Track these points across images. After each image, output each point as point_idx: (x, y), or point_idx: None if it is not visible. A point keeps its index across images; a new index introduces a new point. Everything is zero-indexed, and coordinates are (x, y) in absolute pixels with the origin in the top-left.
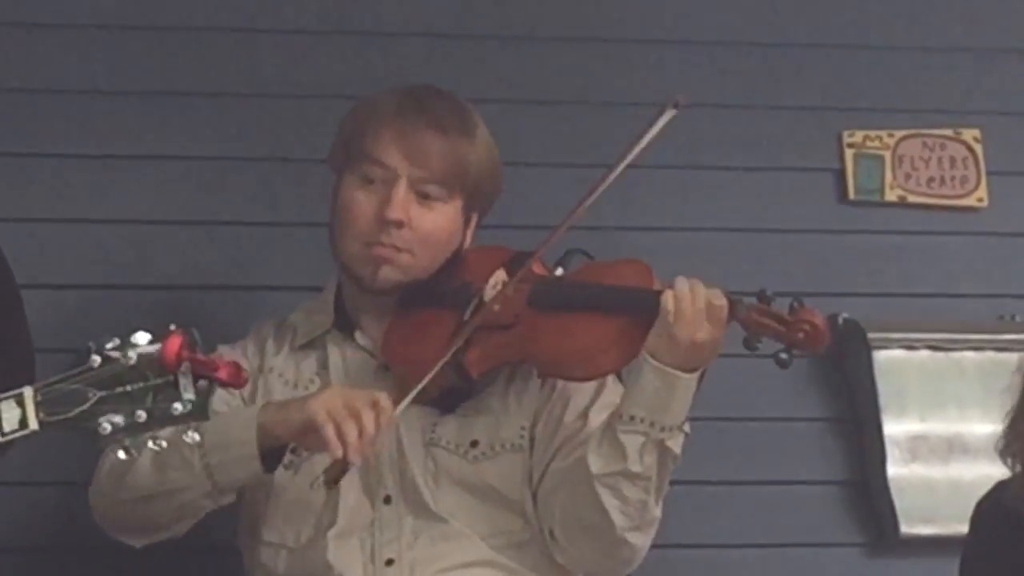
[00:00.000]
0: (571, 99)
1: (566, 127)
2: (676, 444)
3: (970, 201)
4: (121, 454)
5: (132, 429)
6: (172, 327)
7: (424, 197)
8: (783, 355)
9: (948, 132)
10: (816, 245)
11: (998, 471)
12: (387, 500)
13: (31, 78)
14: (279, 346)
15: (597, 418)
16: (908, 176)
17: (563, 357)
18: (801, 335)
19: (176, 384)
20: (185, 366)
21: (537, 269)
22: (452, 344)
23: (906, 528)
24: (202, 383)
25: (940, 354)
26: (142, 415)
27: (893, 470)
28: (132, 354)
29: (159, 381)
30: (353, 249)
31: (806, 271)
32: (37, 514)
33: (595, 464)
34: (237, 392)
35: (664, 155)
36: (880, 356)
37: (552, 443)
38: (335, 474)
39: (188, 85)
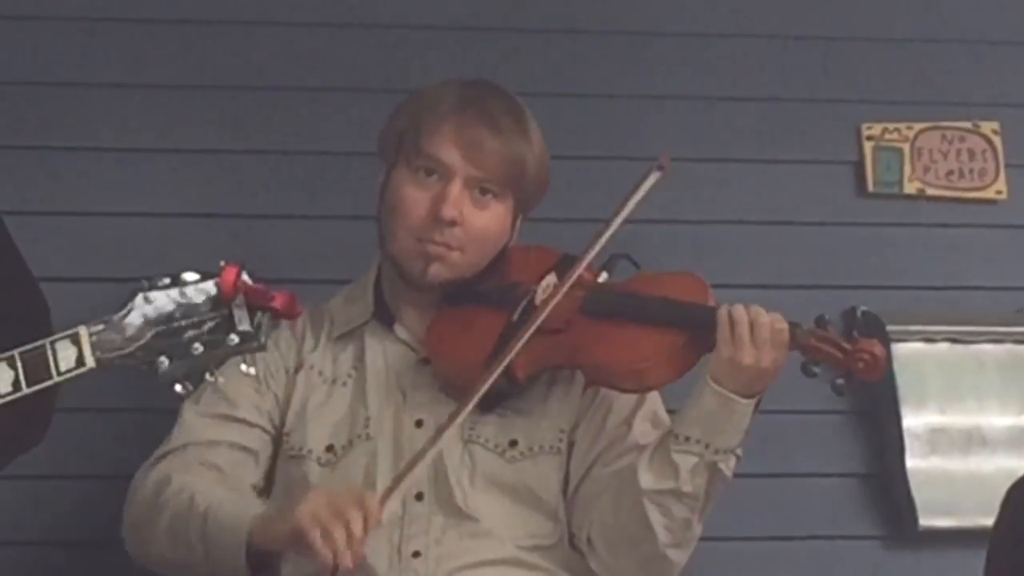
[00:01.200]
0: (599, 93)
1: (594, 121)
2: (728, 467)
3: (989, 194)
4: (178, 388)
5: (189, 362)
6: (222, 263)
7: (479, 196)
8: (839, 382)
9: (967, 125)
10: (835, 238)
11: (1017, 464)
12: (419, 497)
13: (52, 72)
14: (316, 338)
15: (640, 427)
16: (927, 169)
17: (614, 367)
18: (861, 364)
19: (231, 316)
20: (239, 299)
21: (585, 273)
22: (504, 349)
23: (925, 521)
24: (258, 315)
25: (959, 347)
26: (198, 348)
27: (912, 463)
28: (184, 290)
29: (214, 314)
30: (405, 244)
31: (825, 264)
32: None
33: (645, 480)
34: (272, 389)
35: (683, 149)
36: (899, 349)
37: (593, 448)
38: None
39: (209, 78)
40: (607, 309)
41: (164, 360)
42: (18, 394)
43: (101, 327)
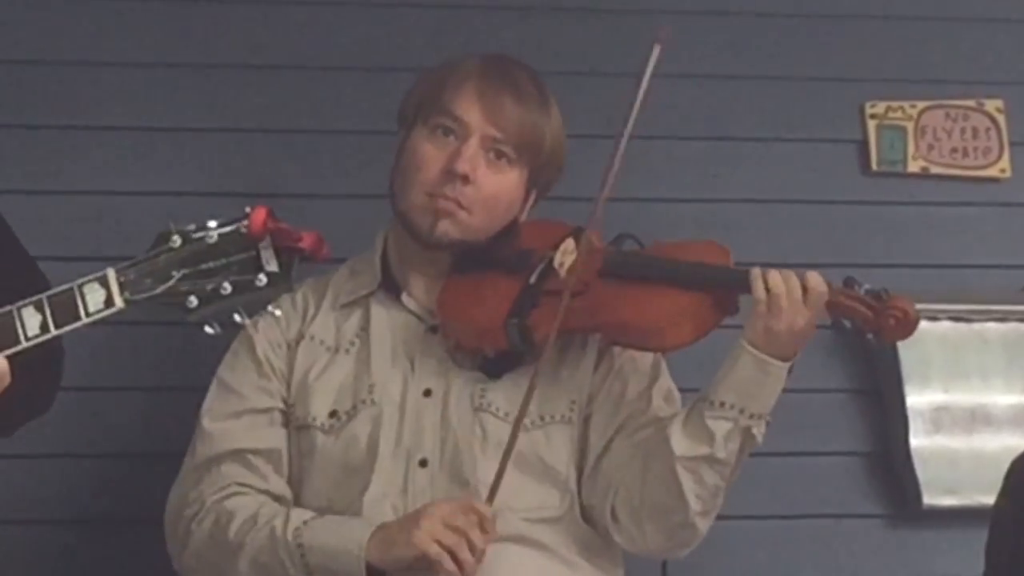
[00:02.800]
0: (587, 71)
1: (583, 98)
2: (760, 433)
3: (993, 172)
4: (208, 329)
5: (218, 302)
6: (247, 208)
7: (494, 159)
8: (869, 337)
9: (971, 103)
10: (838, 216)
11: (1021, 442)
12: (423, 463)
13: (69, 51)
14: (317, 308)
15: (656, 401)
16: (931, 147)
17: (636, 325)
18: (892, 321)
19: (258, 257)
20: (266, 240)
21: (598, 242)
22: (525, 303)
23: (929, 499)
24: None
25: (963, 325)
26: (227, 287)
27: (916, 441)
28: (212, 233)
29: (242, 255)
30: (415, 198)
31: (828, 242)
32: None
33: (680, 446)
34: (275, 366)
35: (687, 127)
36: None
37: (614, 419)
38: None
39: (218, 57)
40: (627, 271)
41: (193, 300)
42: (46, 336)
43: (129, 269)
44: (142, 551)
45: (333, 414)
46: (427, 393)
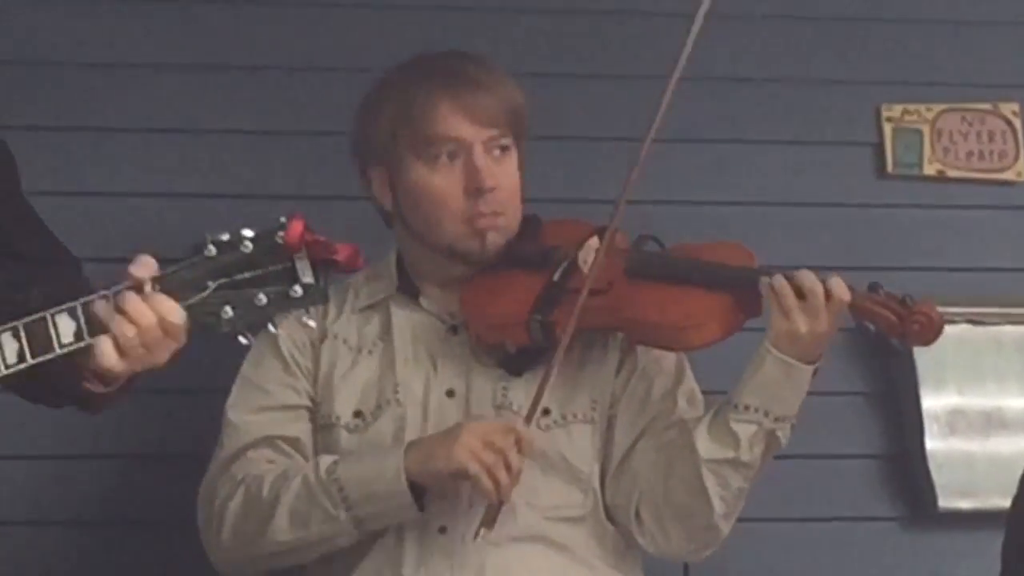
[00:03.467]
0: (612, 74)
1: (603, 101)
2: (784, 436)
3: (1008, 175)
4: (242, 339)
5: (253, 313)
6: (282, 219)
7: (498, 155)
8: (894, 343)
9: (987, 106)
10: (854, 219)
11: None
12: None
13: (80, 52)
14: (339, 309)
15: (682, 403)
16: (947, 150)
17: (660, 325)
18: (916, 327)
19: (294, 268)
20: (301, 252)
21: (622, 242)
22: (552, 302)
23: (944, 502)
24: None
25: (978, 328)
26: (262, 298)
27: (931, 444)
28: (247, 243)
29: (277, 267)
30: (454, 230)
31: (844, 245)
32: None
33: (704, 449)
34: (300, 365)
35: (703, 129)
36: None
37: (638, 421)
38: (492, 516)
39: (236, 59)
40: (652, 271)
41: (228, 310)
42: (81, 344)
43: (163, 278)
44: (152, 552)
45: (358, 414)
46: (450, 393)
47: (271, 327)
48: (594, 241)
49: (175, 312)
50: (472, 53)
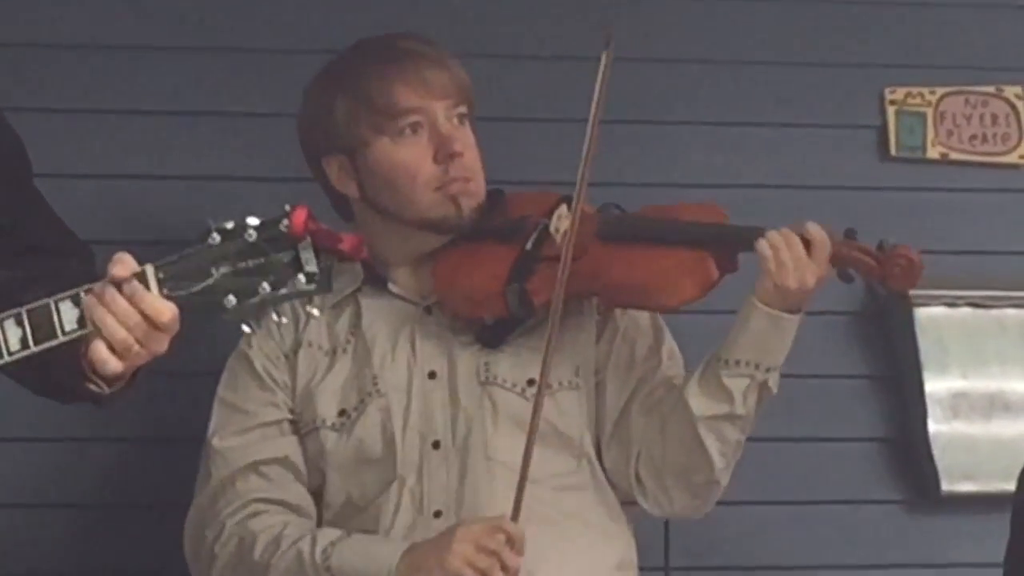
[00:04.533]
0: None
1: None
2: (775, 384)
3: (1012, 158)
4: (245, 328)
5: (257, 302)
6: (287, 207)
7: (458, 124)
8: (876, 287)
9: (990, 89)
10: (857, 202)
11: None
12: (436, 445)
13: (91, 35)
14: (308, 313)
15: (666, 360)
16: (950, 133)
17: (638, 285)
18: (897, 270)
19: (298, 257)
20: (305, 242)
21: (589, 211)
22: (523, 270)
23: (947, 485)
24: (325, 257)
25: (981, 311)
26: (266, 288)
27: (934, 427)
28: (252, 231)
29: (281, 255)
30: (427, 199)
31: (847, 227)
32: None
33: (699, 407)
34: (275, 379)
35: (706, 111)
36: (921, 313)
37: (627, 385)
38: None
39: (259, 42)
40: (623, 232)
41: (232, 299)
42: (84, 331)
43: (167, 265)
44: (149, 536)
45: (342, 412)
46: (432, 375)
47: (275, 316)
48: (563, 208)
49: (165, 311)
50: (414, 34)
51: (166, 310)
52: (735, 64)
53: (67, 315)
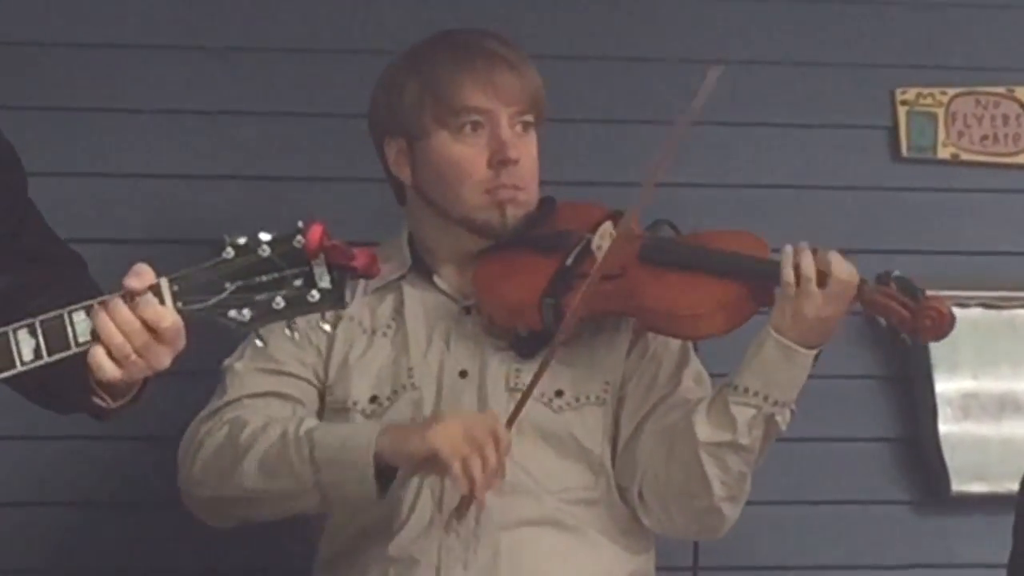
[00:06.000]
0: (620, 56)
1: (617, 84)
2: (784, 420)
3: (1022, 159)
4: (258, 342)
5: (270, 317)
6: (300, 223)
7: (521, 131)
8: (903, 337)
9: (1001, 90)
10: (868, 202)
11: None
12: None
13: (96, 33)
14: (352, 292)
15: (686, 383)
16: (961, 134)
17: (671, 313)
18: (928, 322)
19: (311, 273)
20: (319, 256)
21: (636, 228)
22: (561, 287)
23: (957, 486)
24: (337, 272)
25: (992, 312)
26: (280, 303)
27: (945, 428)
28: (265, 247)
29: (295, 271)
30: (474, 201)
31: (858, 228)
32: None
33: (703, 432)
34: (313, 343)
35: (717, 112)
36: None
37: (645, 404)
38: (463, 510)
39: (248, 40)
40: (665, 258)
41: (246, 313)
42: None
43: (181, 279)
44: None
45: (374, 399)
46: (463, 374)
47: (287, 331)
48: (608, 225)
49: (166, 317)
50: (496, 32)
51: (167, 316)
52: (745, 64)
53: (80, 326)
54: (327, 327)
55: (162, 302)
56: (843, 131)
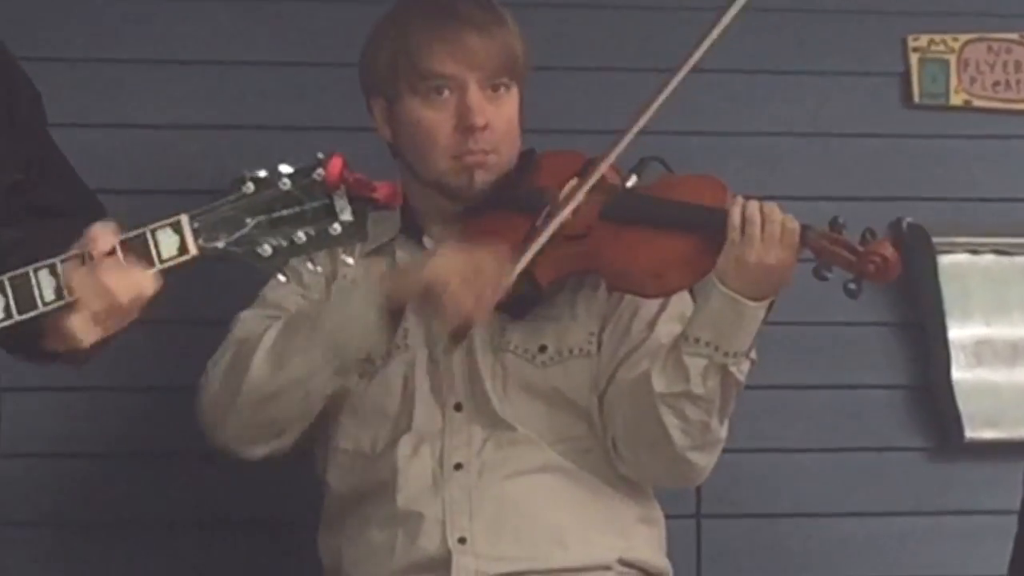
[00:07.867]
0: (628, 4)
1: (624, 31)
2: (740, 371)
3: None
4: (280, 277)
5: (292, 251)
6: (319, 155)
7: (492, 94)
8: (851, 286)
9: (1013, 36)
10: (880, 149)
11: None
12: (458, 407)
13: None
14: (349, 252)
15: (665, 328)
16: (973, 80)
17: (632, 272)
18: (871, 267)
19: (332, 206)
20: (340, 189)
21: (611, 177)
22: (523, 251)
23: (970, 432)
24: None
25: (1005, 258)
26: (301, 237)
27: (958, 374)
28: (286, 180)
29: (315, 204)
30: (442, 165)
31: (870, 175)
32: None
33: (658, 383)
34: (315, 296)
35: (728, 59)
36: (945, 260)
37: (618, 351)
38: (459, 335)
39: None
40: (625, 214)
41: (267, 248)
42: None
43: (202, 216)
44: (167, 484)
45: (367, 359)
46: None
47: (309, 265)
48: (572, 183)
49: (150, 284)
50: None
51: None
52: (755, 12)
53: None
54: (350, 260)
55: (184, 240)
56: (855, 78)
